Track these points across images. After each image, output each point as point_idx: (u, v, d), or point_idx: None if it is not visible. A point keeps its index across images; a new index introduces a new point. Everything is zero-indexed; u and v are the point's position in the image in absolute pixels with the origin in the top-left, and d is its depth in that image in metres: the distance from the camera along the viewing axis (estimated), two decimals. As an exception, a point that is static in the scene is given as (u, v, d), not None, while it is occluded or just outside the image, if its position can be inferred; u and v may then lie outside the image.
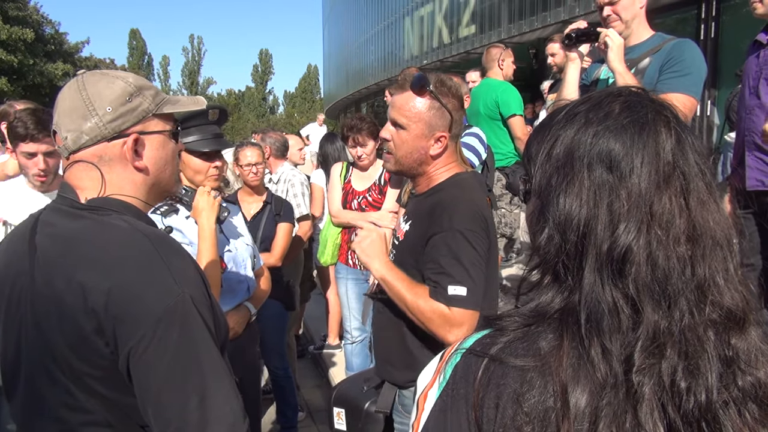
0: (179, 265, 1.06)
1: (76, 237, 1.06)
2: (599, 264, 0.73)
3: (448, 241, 1.64)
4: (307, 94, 78.24)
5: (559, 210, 0.77)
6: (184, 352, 0.99)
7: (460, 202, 1.72)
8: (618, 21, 2.54)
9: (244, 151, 3.47)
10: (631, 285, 0.71)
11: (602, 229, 0.73)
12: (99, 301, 0.97)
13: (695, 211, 0.74)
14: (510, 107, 4.51)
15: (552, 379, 0.71)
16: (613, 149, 0.75)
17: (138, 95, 1.15)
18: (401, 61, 22.54)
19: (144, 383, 0.98)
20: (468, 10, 16.65)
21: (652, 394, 0.69)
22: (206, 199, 1.99)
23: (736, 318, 0.72)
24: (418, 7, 20.58)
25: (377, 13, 25.81)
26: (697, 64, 2.46)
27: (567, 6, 11.98)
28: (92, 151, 1.13)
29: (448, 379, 0.78)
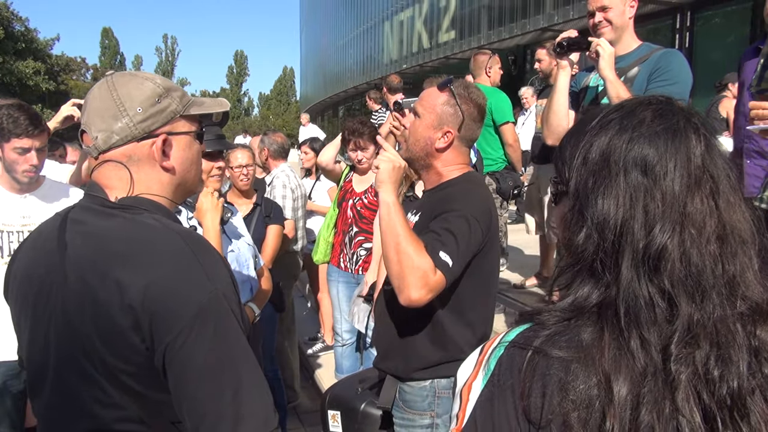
0: (211, 262, 1.08)
1: (109, 235, 1.08)
2: (636, 261, 0.78)
3: (452, 218, 1.71)
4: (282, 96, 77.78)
5: (597, 211, 0.82)
6: (219, 347, 1.01)
7: (474, 193, 1.82)
8: (609, 27, 2.62)
9: (234, 153, 3.47)
10: (666, 280, 0.77)
11: (639, 228, 0.79)
12: (136, 297, 0.99)
13: (724, 211, 0.79)
14: (504, 114, 4.59)
15: (595, 369, 0.76)
16: (647, 154, 0.81)
17: (166, 96, 1.18)
18: (380, 65, 22.63)
19: (180, 378, 1.00)
20: (448, 15, 16.82)
21: (688, 381, 0.74)
22: (210, 200, 2.00)
23: (762, 311, 0.78)
24: (398, 12, 20.70)
25: (356, 17, 25.86)
26: (684, 74, 2.55)
27: (546, 14, 12.20)
28: (122, 151, 1.14)
29: (492, 370, 0.82)
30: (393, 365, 1.89)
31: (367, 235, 3.63)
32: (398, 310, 1.74)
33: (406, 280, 1.60)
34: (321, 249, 3.97)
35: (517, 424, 0.78)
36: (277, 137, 4.82)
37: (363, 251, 3.67)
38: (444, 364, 1.78)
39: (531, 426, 0.77)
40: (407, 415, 1.87)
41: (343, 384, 2.26)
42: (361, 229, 3.67)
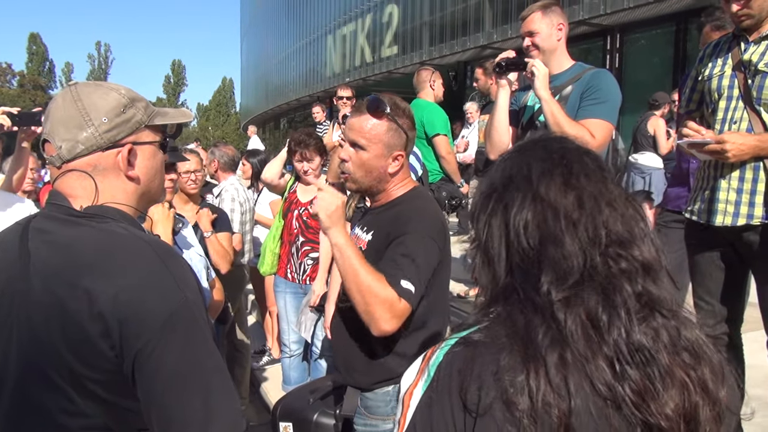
0: (179, 270, 1.10)
1: (76, 244, 1.08)
2: (512, 238, 0.91)
3: (409, 241, 1.73)
4: (221, 107, 76.37)
5: (508, 230, 0.93)
6: (188, 353, 1.03)
7: (426, 211, 1.84)
8: (535, 51, 2.77)
9: None
10: (534, 238, 0.89)
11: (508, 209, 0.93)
12: (105, 305, 1.00)
13: (583, 183, 0.91)
14: (434, 127, 4.71)
15: (517, 350, 0.83)
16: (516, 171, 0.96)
17: (131, 107, 1.19)
18: (323, 78, 22.67)
19: (149, 385, 1.01)
20: (390, 31, 17.08)
21: (576, 327, 0.82)
22: (161, 211, 1.99)
23: (644, 266, 0.87)
24: (341, 26, 20.85)
25: (299, 30, 25.84)
26: (613, 93, 2.73)
27: (485, 32, 12.61)
28: (87, 161, 1.15)
29: (432, 376, 0.87)
30: (355, 379, 1.91)
31: (313, 245, 3.64)
32: (358, 326, 1.76)
33: (374, 315, 1.63)
34: (267, 260, 3.95)
35: (454, 426, 0.83)
36: (228, 150, 4.77)
37: (310, 261, 3.68)
38: None
39: (469, 417, 0.82)
40: (370, 421, 1.88)
41: (293, 395, 2.25)
42: (307, 239, 3.68)
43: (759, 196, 2.29)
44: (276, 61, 29.81)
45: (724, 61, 2.42)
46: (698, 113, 2.61)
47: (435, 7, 14.76)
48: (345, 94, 5.56)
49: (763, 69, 2.25)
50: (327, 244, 3.63)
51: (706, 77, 2.47)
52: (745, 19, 2.28)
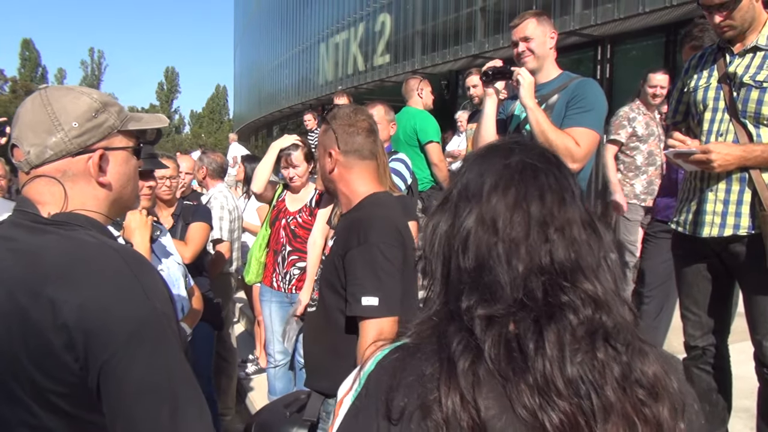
0: (150, 279, 1.07)
1: (41, 252, 1.04)
2: (452, 253, 0.88)
3: (363, 254, 1.73)
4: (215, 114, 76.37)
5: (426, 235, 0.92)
6: (156, 365, 1.00)
7: (375, 217, 1.83)
8: (531, 56, 2.77)
9: None
10: (471, 260, 0.85)
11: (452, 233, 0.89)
12: (70, 316, 0.96)
13: (536, 208, 0.85)
14: (427, 134, 4.70)
15: (437, 362, 0.80)
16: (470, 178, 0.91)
17: (103, 111, 1.16)
18: (316, 86, 22.73)
19: (115, 397, 0.98)
20: (383, 40, 17.15)
21: (495, 345, 0.78)
22: (138, 218, 1.96)
23: (597, 299, 0.81)
24: (333, 35, 20.92)
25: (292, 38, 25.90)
26: (599, 102, 2.73)
27: (477, 41, 12.67)
28: (56, 166, 1.12)
29: (363, 385, 0.86)
30: (321, 385, 1.92)
31: (300, 254, 3.61)
32: (326, 332, 1.78)
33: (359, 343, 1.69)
34: (253, 269, 3.92)
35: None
36: (216, 157, 4.74)
37: (296, 270, 3.65)
38: None
39: (391, 425, 0.79)
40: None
41: (268, 410, 2.20)
42: (294, 248, 3.65)
43: (745, 207, 2.28)
44: (269, 69, 29.86)
45: (709, 73, 2.42)
46: (684, 124, 2.61)
47: (427, 17, 14.85)
48: (340, 101, 5.56)
49: (748, 82, 2.24)
50: (315, 254, 3.62)
51: (692, 89, 2.47)
52: (728, 30, 2.28)
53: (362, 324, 1.69)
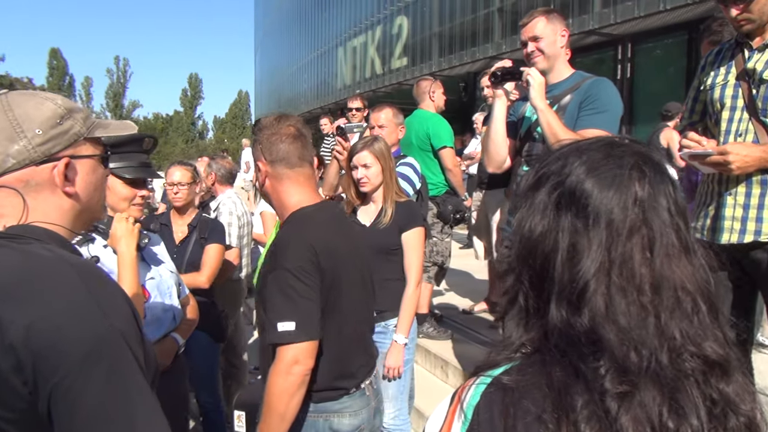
0: (107, 296, 0.99)
1: None
2: (560, 296, 0.77)
3: (276, 279, 1.67)
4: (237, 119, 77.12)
5: (522, 239, 0.81)
6: (112, 388, 0.93)
7: (289, 239, 1.74)
8: (541, 56, 2.67)
9: (171, 169, 3.40)
10: (586, 318, 0.75)
11: (562, 263, 0.78)
12: (18, 336, 0.89)
13: (661, 263, 0.77)
14: (441, 139, 4.61)
15: (557, 408, 0.74)
16: (586, 193, 0.79)
17: (69, 118, 1.11)
18: (334, 90, 22.78)
19: (67, 424, 0.91)
20: (400, 43, 17.11)
21: (632, 425, 0.71)
22: (125, 226, 1.92)
23: (717, 365, 0.75)
24: (351, 38, 20.96)
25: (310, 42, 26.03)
26: (613, 102, 2.62)
27: (494, 43, 12.55)
28: (18, 176, 1.06)
29: (471, 418, 0.80)
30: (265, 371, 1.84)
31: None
32: (266, 350, 1.73)
33: (277, 373, 1.63)
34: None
35: None
36: (225, 162, 4.72)
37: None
38: (314, 385, 1.73)
39: None
40: None
41: (253, 387, 2.28)
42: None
43: (767, 211, 2.16)
44: (288, 74, 30.04)
45: (727, 69, 2.29)
46: (701, 124, 2.48)
47: (444, 19, 14.77)
48: (354, 105, 5.46)
49: None
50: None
51: (709, 86, 2.35)
52: (745, 23, 2.16)
53: (279, 350, 1.62)
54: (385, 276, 2.64)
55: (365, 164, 2.67)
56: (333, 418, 1.79)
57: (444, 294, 6.20)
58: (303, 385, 1.64)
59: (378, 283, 2.63)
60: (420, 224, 2.68)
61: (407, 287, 2.62)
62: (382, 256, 2.63)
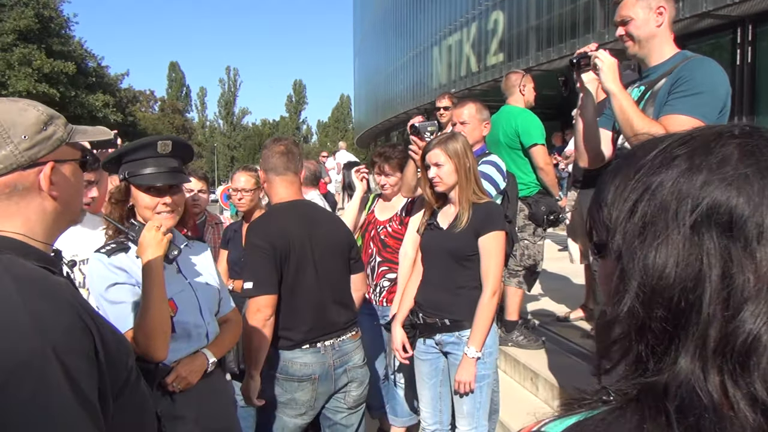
0: (46, 310, 0.94)
1: None
2: (704, 350, 0.57)
3: (245, 252, 2.44)
4: (339, 123, 79.25)
5: (646, 277, 0.61)
6: (35, 411, 0.87)
7: (256, 225, 2.44)
8: (630, 42, 2.40)
9: (237, 175, 3.42)
10: (758, 384, 0.55)
11: (712, 305, 0.57)
12: None
13: None
14: (531, 136, 4.33)
15: None
16: (734, 206, 0.58)
17: (51, 123, 1.14)
18: (430, 90, 22.66)
19: None
20: (496, 38, 16.67)
21: None
22: (152, 235, 1.82)
23: None
24: (446, 36, 20.73)
25: (406, 43, 26.09)
26: (710, 83, 2.23)
27: (596, 33, 11.86)
28: (5, 180, 1.08)
29: None
30: None
31: (391, 264, 3.46)
32: None
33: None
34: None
35: None
36: (309, 164, 4.74)
37: (386, 282, 3.49)
38: (277, 336, 2.36)
39: None
40: None
41: None
42: (384, 258, 3.50)
43: None
44: (385, 75, 30.31)
45: None
46: None
47: (542, 10, 14.17)
48: (442, 104, 5.26)
49: None
50: (406, 266, 3.44)
51: None
52: None
53: (247, 301, 2.29)
54: (459, 283, 2.47)
55: (437, 163, 2.51)
56: (288, 364, 2.36)
57: (537, 299, 5.88)
58: (265, 326, 2.25)
59: (451, 290, 2.49)
60: (499, 228, 2.46)
61: (482, 296, 2.42)
62: (456, 262, 2.46)
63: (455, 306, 2.47)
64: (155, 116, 60.98)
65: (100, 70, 32.32)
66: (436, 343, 2.54)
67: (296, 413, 2.39)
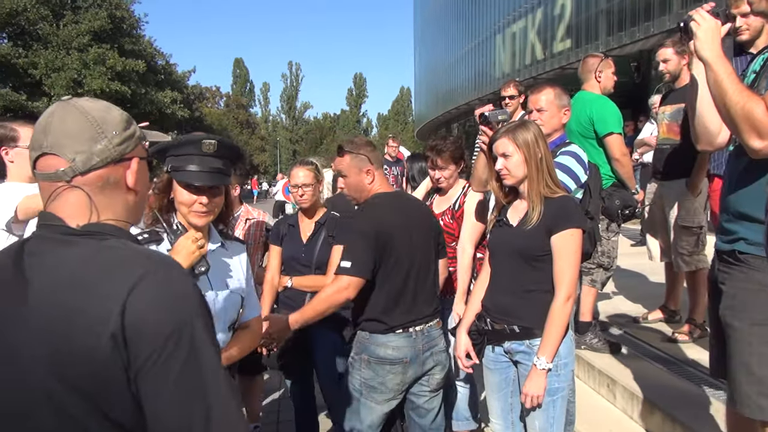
0: (182, 284, 1.09)
1: (76, 265, 1.07)
2: None
3: (349, 235, 2.54)
4: (399, 116, 79.21)
5: None
6: (191, 369, 1.03)
7: (362, 213, 2.62)
8: (747, 32, 2.19)
9: (295, 170, 3.30)
10: None
11: None
12: (115, 324, 0.99)
13: None
14: (606, 124, 4.00)
15: None
16: None
17: (131, 123, 1.23)
18: (492, 79, 22.14)
19: (152, 402, 1.01)
20: (563, 24, 16.02)
21: None
22: (186, 244, 1.81)
23: None
24: (510, 24, 20.13)
25: (467, 33, 25.62)
26: None
27: (673, 14, 11.14)
28: (100, 173, 1.16)
29: None
30: None
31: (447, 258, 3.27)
32: None
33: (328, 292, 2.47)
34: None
35: None
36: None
37: (444, 275, 3.32)
38: (371, 320, 2.50)
39: None
40: None
41: None
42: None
43: None
44: (445, 67, 29.92)
45: None
46: None
47: (613, -8, 13.47)
48: (507, 93, 4.93)
49: None
50: (464, 262, 3.24)
51: None
52: None
53: (336, 280, 2.44)
54: (528, 286, 2.23)
55: (504, 153, 2.28)
56: (381, 348, 2.46)
57: (611, 298, 5.53)
58: (340, 305, 2.44)
59: (520, 294, 2.26)
60: (574, 225, 2.20)
61: (554, 301, 2.17)
62: (525, 262, 2.23)
63: (524, 311, 2.24)
64: (220, 112, 62.72)
65: (168, 67, 33.43)
66: (505, 351, 2.32)
67: (384, 398, 2.48)
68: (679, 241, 4.21)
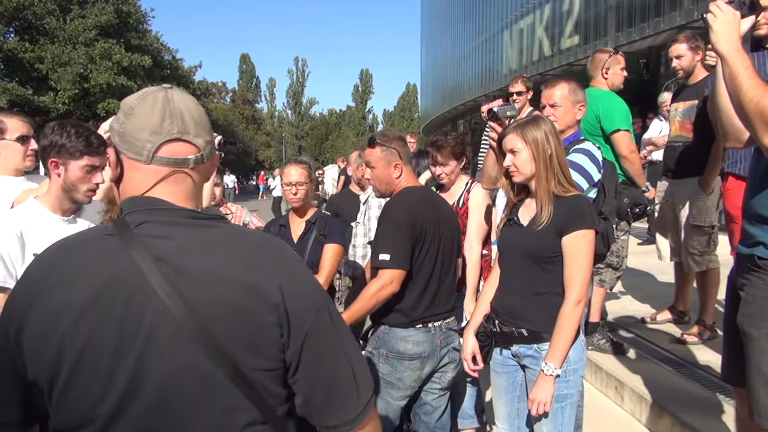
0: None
1: (218, 244, 1.13)
2: None
3: (382, 225, 2.48)
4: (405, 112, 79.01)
5: None
6: (336, 330, 1.17)
7: (396, 203, 2.54)
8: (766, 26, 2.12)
9: (288, 168, 3.25)
10: None
11: None
12: (276, 297, 1.09)
13: None
14: (613, 121, 3.91)
15: None
16: None
17: None
18: (499, 76, 22.00)
19: (313, 361, 1.12)
20: (571, 20, 15.87)
21: None
22: None
23: None
24: (518, 20, 19.98)
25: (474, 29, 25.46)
26: None
27: (683, 10, 10.99)
28: (208, 165, 1.22)
29: None
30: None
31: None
32: None
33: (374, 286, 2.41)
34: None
35: None
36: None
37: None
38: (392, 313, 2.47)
39: None
40: None
41: None
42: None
43: None
44: (452, 62, 29.77)
45: None
46: None
47: (622, -12, 13.31)
48: (515, 89, 4.85)
49: None
50: (472, 261, 3.18)
51: None
52: None
53: (378, 274, 2.41)
54: (538, 288, 2.16)
55: (512, 149, 2.21)
56: (400, 342, 2.45)
57: (619, 298, 5.46)
58: (384, 299, 2.39)
59: (529, 296, 2.19)
60: (586, 225, 2.13)
61: (564, 305, 2.10)
62: (535, 263, 2.16)
63: (533, 314, 2.17)
64: (227, 107, 62.65)
65: (175, 62, 33.38)
66: (513, 355, 2.25)
67: (400, 395, 2.50)
68: (690, 240, 4.13)
